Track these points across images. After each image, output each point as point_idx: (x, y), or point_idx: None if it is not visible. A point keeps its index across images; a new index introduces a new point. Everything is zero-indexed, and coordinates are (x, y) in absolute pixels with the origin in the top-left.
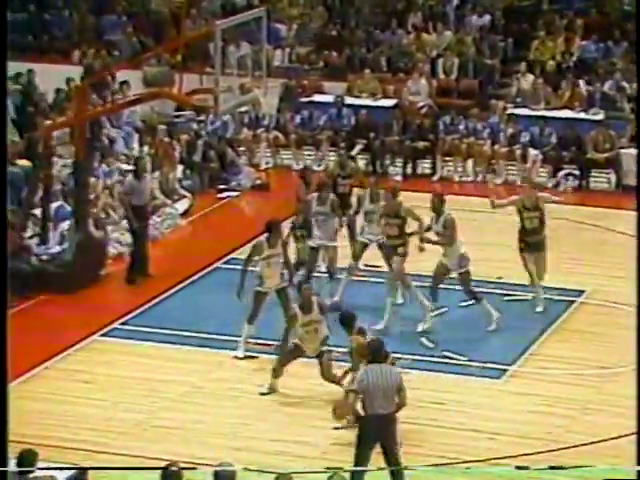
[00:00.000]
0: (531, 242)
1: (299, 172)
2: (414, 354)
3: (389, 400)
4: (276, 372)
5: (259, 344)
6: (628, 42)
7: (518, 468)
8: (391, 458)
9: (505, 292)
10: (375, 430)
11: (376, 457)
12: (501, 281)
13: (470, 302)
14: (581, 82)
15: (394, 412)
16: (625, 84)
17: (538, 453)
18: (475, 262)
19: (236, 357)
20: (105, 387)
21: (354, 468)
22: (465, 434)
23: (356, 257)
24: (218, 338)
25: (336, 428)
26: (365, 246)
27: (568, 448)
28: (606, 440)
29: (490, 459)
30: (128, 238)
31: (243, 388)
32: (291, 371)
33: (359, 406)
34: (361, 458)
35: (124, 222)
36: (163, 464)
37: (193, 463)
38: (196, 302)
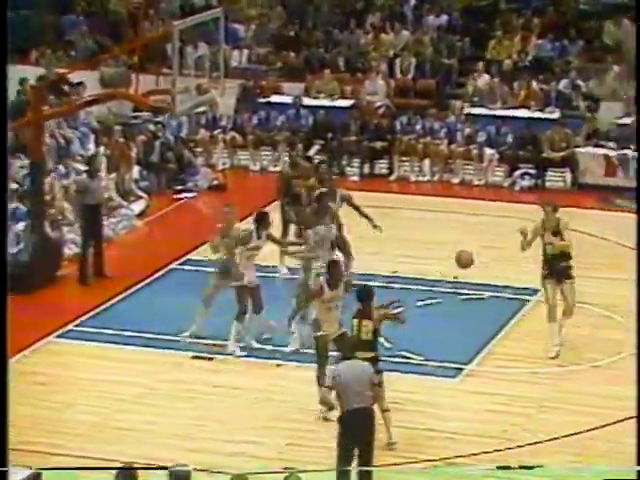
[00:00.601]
0: (555, 270)
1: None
2: None
3: (364, 395)
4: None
5: (214, 345)
6: (584, 40)
7: (500, 468)
8: (363, 457)
9: (461, 291)
10: (354, 425)
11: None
12: (457, 280)
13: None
14: (536, 81)
15: (370, 406)
16: (580, 83)
17: (495, 452)
18: (432, 261)
19: (233, 354)
20: (60, 389)
21: (309, 470)
22: (423, 434)
23: None
24: (174, 339)
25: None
26: None
27: (523, 446)
28: (561, 437)
29: (448, 458)
30: None
31: (198, 389)
32: (243, 371)
33: (336, 402)
34: (344, 456)
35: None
36: (118, 465)
37: (148, 464)
38: (152, 303)
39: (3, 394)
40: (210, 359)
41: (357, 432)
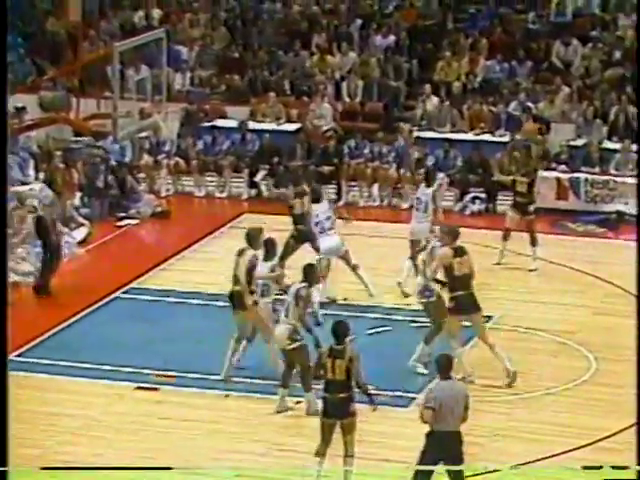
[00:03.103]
0: (460, 298)
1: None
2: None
3: (456, 417)
4: None
5: (160, 375)
6: (532, 61)
7: None
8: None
9: (413, 318)
10: (442, 447)
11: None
12: (408, 308)
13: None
14: (485, 104)
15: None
16: (530, 104)
17: None
18: (382, 289)
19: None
20: None
21: None
22: (375, 464)
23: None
24: (118, 370)
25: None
26: None
27: (476, 475)
28: (515, 467)
29: None
30: (24, 267)
31: (144, 421)
32: (190, 402)
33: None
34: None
35: (20, 250)
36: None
37: None
38: (94, 333)
39: (3, 394)
40: (155, 389)
41: (443, 455)
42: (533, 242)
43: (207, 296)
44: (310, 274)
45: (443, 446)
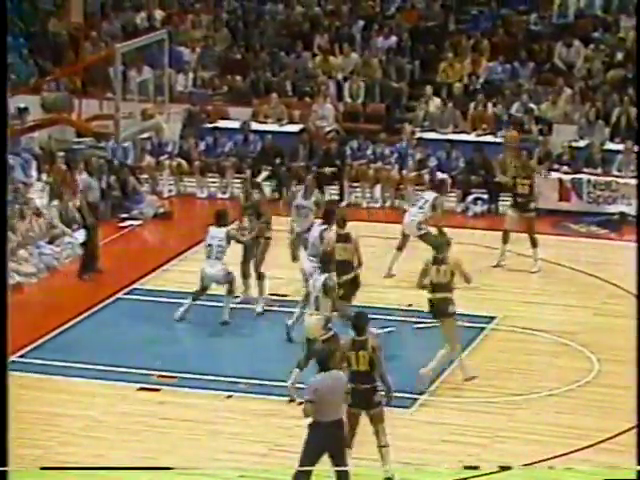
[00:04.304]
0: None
1: None
2: None
3: (337, 406)
4: None
5: (162, 376)
6: (535, 62)
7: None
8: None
9: (415, 319)
10: (324, 437)
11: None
12: (411, 308)
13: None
14: (489, 104)
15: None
16: (532, 105)
17: None
18: (385, 289)
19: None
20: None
21: None
22: (378, 464)
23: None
24: (120, 371)
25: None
26: None
27: (480, 477)
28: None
29: None
30: (26, 268)
31: (146, 421)
32: (192, 403)
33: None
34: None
35: (22, 251)
36: None
37: None
38: (97, 334)
39: (3, 394)
40: (157, 390)
41: (329, 444)
42: (533, 243)
43: (209, 297)
44: (327, 263)
45: (326, 436)
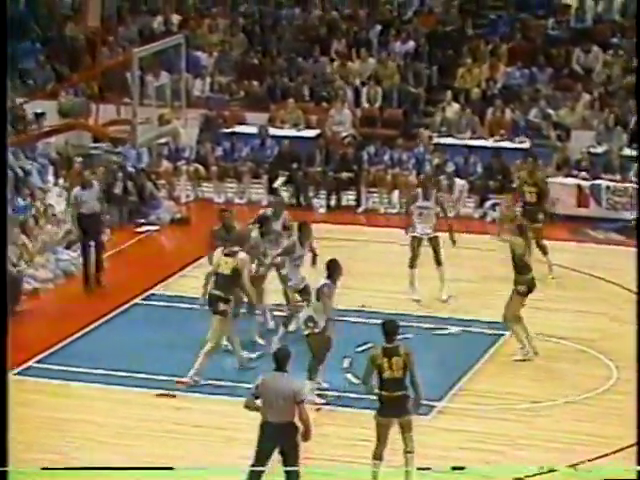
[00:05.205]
0: None
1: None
2: (338, 390)
3: (281, 409)
4: None
5: (179, 382)
6: (553, 68)
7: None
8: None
9: (432, 326)
10: (272, 437)
11: None
12: (428, 315)
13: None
14: (506, 110)
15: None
16: (550, 111)
17: None
18: (402, 295)
19: None
20: (20, 427)
21: None
22: (397, 472)
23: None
24: (136, 376)
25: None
26: None
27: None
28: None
29: None
30: (43, 274)
31: (163, 427)
32: (209, 409)
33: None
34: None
35: (39, 257)
36: None
37: None
38: (113, 339)
39: (3, 395)
40: (173, 396)
41: (280, 445)
42: (544, 251)
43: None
44: (334, 270)
45: (273, 436)
